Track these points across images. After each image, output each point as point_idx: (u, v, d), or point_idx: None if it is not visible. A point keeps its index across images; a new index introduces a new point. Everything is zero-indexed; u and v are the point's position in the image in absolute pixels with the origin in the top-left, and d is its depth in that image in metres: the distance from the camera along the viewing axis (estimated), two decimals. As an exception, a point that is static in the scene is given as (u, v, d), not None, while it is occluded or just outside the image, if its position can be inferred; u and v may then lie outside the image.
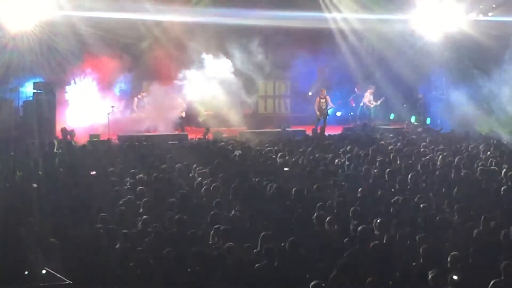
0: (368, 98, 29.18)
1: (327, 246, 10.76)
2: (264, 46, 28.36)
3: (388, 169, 16.52)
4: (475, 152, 19.70)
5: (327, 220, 11.97)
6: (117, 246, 11.07)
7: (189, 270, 9.81)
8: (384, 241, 10.82)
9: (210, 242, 11.38)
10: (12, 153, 19.00)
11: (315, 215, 12.30)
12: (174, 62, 27.22)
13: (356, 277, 9.17)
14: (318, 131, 25.75)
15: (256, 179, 15.56)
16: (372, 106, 29.08)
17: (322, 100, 26.79)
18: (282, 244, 10.44)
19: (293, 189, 14.32)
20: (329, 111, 27.00)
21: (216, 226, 11.68)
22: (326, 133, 25.34)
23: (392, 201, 13.54)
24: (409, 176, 15.58)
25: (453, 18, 27.10)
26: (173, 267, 9.98)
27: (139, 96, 26.91)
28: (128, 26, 26.14)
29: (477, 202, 13.52)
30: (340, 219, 12.22)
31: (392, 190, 14.91)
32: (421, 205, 13.03)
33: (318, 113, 26.68)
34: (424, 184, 15.69)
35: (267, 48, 28.71)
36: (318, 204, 13.00)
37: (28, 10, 23.66)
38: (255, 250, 10.62)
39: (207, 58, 26.71)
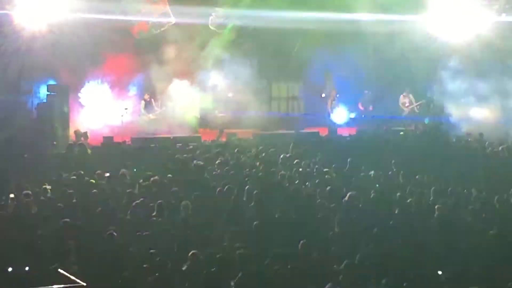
0: (402, 100, 28.77)
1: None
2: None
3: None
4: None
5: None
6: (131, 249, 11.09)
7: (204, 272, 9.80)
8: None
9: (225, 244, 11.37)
10: (25, 155, 19.10)
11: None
12: (191, 63, 27.28)
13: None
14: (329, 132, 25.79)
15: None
16: (407, 109, 28.70)
17: (333, 102, 26.88)
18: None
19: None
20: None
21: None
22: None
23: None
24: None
25: (469, 19, 26.90)
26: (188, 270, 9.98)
27: (146, 98, 26.75)
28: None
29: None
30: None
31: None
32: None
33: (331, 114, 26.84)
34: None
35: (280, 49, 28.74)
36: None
37: (41, 12, 23.75)
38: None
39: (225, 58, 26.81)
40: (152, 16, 26.38)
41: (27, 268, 9.98)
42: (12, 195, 14.68)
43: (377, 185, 15.72)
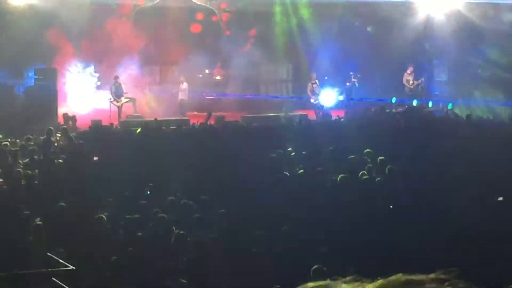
0: (406, 78, 28.29)
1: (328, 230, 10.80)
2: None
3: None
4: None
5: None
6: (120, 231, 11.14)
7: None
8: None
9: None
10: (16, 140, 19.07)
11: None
12: (178, 44, 27.43)
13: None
14: (320, 114, 25.78)
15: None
16: (412, 86, 28.23)
17: (314, 85, 26.89)
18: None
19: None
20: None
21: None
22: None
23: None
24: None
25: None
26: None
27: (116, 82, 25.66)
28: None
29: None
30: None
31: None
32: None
33: (312, 98, 26.82)
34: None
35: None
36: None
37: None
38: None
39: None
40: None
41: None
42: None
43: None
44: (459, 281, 2.09)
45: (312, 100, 26.88)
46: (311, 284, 2.20)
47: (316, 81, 27.09)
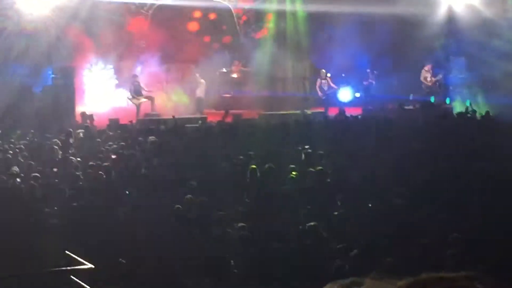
0: (424, 75, 28.08)
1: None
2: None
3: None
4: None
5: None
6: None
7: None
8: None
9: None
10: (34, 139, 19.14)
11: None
12: (196, 42, 27.54)
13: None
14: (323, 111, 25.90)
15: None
16: (430, 83, 28.03)
17: (323, 81, 26.95)
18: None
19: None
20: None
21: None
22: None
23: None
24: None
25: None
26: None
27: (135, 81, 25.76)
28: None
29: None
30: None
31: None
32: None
33: (320, 94, 26.97)
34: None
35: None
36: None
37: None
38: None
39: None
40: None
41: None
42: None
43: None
44: (489, 278, 2.04)
45: (320, 95, 27.06)
46: (339, 281, 2.17)
47: (327, 77, 27.13)
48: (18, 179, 14.28)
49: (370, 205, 11.90)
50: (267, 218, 11.36)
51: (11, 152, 16.83)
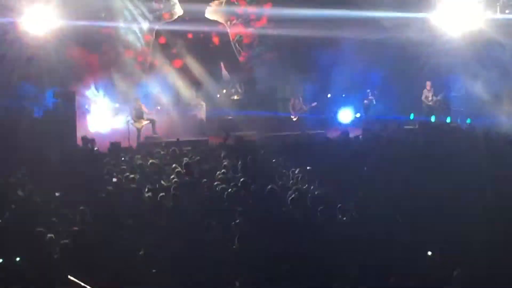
0: (425, 94, 28.12)
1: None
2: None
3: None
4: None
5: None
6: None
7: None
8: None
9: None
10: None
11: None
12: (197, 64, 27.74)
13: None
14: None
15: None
16: (431, 103, 28.13)
17: (296, 101, 27.32)
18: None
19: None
20: None
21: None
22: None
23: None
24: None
25: (471, 16, 26.72)
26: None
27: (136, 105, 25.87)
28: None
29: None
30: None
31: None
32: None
33: (292, 115, 27.58)
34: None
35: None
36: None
37: (45, 19, 23.83)
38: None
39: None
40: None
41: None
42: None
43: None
44: None
45: (292, 117, 27.05)
46: None
47: (300, 98, 27.29)
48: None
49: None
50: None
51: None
